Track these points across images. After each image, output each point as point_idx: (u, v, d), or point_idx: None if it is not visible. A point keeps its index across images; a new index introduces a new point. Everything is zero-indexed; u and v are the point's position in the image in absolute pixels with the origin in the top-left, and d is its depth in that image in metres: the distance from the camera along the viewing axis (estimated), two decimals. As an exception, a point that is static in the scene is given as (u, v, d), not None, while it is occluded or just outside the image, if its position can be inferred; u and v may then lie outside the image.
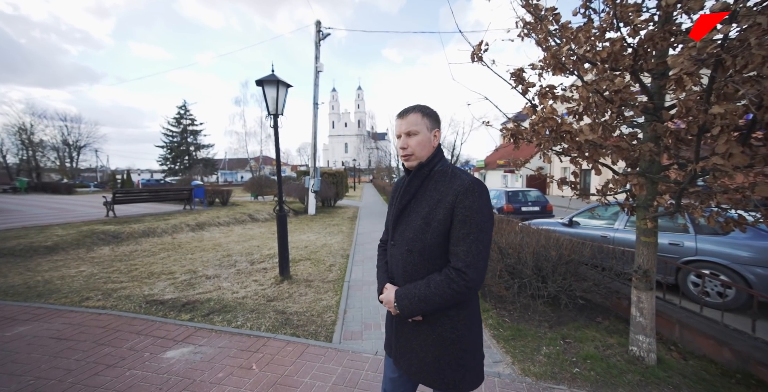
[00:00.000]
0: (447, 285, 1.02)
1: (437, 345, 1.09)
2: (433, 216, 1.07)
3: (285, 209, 5.02)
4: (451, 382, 1.09)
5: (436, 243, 1.06)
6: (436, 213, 1.06)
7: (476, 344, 1.13)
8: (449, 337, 1.08)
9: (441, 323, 1.09)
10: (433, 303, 1.04)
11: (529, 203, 9.44)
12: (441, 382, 1.10)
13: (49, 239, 6.00)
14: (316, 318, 3.49)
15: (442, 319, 1.10)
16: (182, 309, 3.56)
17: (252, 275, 5.01)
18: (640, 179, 1.88)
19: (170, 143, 40.65)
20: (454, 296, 1.02)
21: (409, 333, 1.16)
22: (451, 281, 1.01)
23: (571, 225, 5.62)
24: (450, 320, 1.09)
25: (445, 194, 1.06)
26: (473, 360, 1.11)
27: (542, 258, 3.24)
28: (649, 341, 2.14)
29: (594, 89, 1.92)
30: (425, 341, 1.11)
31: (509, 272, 3.58)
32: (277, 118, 4.81)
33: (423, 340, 1.12)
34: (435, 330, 1.10)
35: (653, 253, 2.19)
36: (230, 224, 9.38)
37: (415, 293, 1.07)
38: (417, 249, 1.10)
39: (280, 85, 4.68)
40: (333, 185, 14.82)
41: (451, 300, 1.03)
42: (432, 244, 1.07)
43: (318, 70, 12.51)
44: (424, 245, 1.08)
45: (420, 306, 1.06)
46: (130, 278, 4.57)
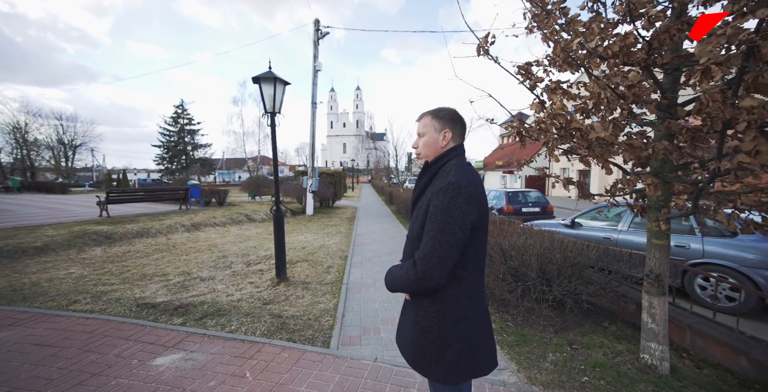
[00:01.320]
0: (406, 271, 1.15)
1: (412, 326, 1.24)
2: (423, 210, 1.19)
3: (282, 209, 4.90)
4: (420, 365, 1.22)
5: (418, 234, 1.19)
6: (424, 208, 1.18)
7: (447, 339, 1.17)
8: (420, 323, 1.21)
9: (417, 308, 1.22)
10: (398, 283, 1.20)
11: (530, 203, 9.36)
12: (413, 362, 1.24)
13: (39, 240, 5.85)
14: (313, 322, 3.38)
15: (417, 305, 1.23)
16: (174, 313, 3.43)
17: (248, 277, 4.89)
18: (654, 179, 1.79)
19: (167, 142, 40.32)
20: (410, 282, 1.14)
21: (404, 309, 1.36)
22: (409, 268, 1.14)
23: (573, 226, 5.54)
24: (423, 309, 1.20)
25: (431, 191, 1.17)
26: (441, 353, 1.17)
27: (547, 261, 3.14)
28: (662, 349, 2.05)
29: (606, 85, 1.83)
30: (407, 319, 1.29)
31: (512, 274, 3.48)
32: (275, 116, 4.69)
33: (407, 318, 1.31)
34: (413, 312, 1.24)
35: (666, 256, 2.09)
36: (226, 224, 9.24)
37: (394, 271, 1.24)
38: (411, 237, 1.26)
39: (277, 83, 4.57)
40: (331, 186, 14.70)
41: (410, 286, 1.16)
42: (417, 234, 1.20)
43: (316, 69, 12.40)
44: (413, 234, 1.23)
45: (392, 283, 1.24)
46: (121, 281, 4.43)
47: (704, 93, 1.24)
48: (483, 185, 1.22)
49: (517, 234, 4.16)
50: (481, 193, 1.16)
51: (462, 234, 1.09)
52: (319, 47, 12.43)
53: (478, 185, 1.16)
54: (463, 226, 1.09)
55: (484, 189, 1.21)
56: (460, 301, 1.18)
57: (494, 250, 3.76)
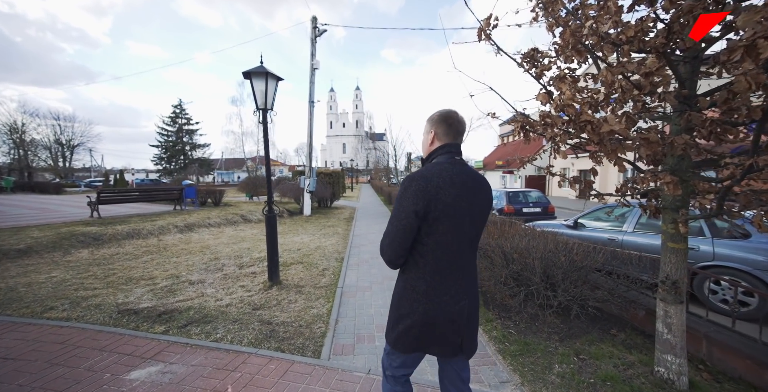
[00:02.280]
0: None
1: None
2: None
3: (275, 209, 4.72)
4: (386, 329, 1.42)
5: None
6: None
7: (401, 314, 1.33)
8: (393, 296, 1.41)
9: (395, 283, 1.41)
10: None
11: (531, 204, 9.19)
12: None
13: (22, 242, 5.64)
14: (304, 329, 3.19)
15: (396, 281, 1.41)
16: (157, 320, 3.24)
17: (239, 280, 4.70)
18: (672, 177, 1.61)
19: (165, 142, 40.03)
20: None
21: None
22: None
23: (576, 227, 5.37)
24: (396, 285, 1.40)
25: None
26: (395, 324, 1.35)
27: (551, 264, 2.97)
28: (680, 362, 1.87)
29: (620, 72, 1.65)
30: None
31: (514, 278, 3.31)
32: (266, 113, 4.50)
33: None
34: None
35: (683, 261, 1.92)
36: (221, 225, 9.04)
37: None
38: None
39: (269, 78, 4.39)
40: (329, 186, 14.51)
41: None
42: None
43: (314, 67, 12.22)
44: None
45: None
46: (105, 285, 4.24)
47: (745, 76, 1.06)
48: (447, 180, 1.24)
49: (519, 236, 3.98)
50: (436, 186, 1.22)
51: (406, 222, 1.23)
52: (318, 46, 12.25)
53: (432, 179, 1.23)
54: (408, 214, 1.23)
55: (446, 183, 1.24)
56: (416, 285, 1.30)
57: (495, 253, 3.58)
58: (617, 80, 1.63)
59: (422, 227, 1.25)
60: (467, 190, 1.27)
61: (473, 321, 1.35)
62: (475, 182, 1.31)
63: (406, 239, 1.25)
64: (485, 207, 1.35)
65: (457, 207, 1.24)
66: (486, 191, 1.36)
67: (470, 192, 1.28)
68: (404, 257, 1.31)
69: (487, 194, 1.36)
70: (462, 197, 1.25)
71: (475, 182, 1.31)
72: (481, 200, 1.32)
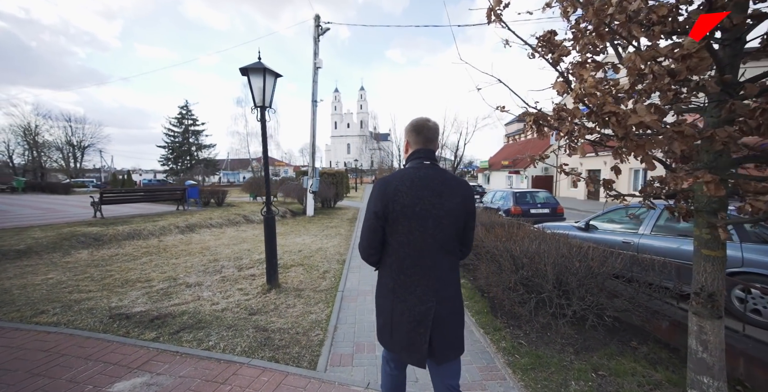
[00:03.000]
0: None
1: None
2: None
3: (276, 210, 4.57)
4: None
5: None
6: None
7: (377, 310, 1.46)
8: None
9: None
10: None
11: (539, 204, 8.93)
12: None
13: (23, 242, 5.59)
14: (301, 336, 3.03)
15: None
16: (149, 325, 3.11)
17: (238, 282, 4.56)
18: (713, 176, 1.41)
19: (172, 143, 40.40)
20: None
21: None
22: None
23: (588, 229, 5.13)
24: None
25: None
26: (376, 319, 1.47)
27: (564, 270, 2.76)
28: (718, 385, 1.66)
29: (652, 57, 1.45)
30: None
31: (524, 285, 3.10)
32: (265, 110, 4.36)
33: None
34: None
35: (720, 270, 1.71)
36: (223, 225, 8.95)
37: None
38: None
39: (267, 74, 4.24)
40: (333, 186, 14.38)
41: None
42: None
43: (317, 66, 12.10)
44: None
45: None
46: (100, 287, 4.13)
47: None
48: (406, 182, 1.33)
49: (529, 239, 3.77)
50: (395, 189, 1.32)
51: (370, 222, 1.36)
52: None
53: (392, 182, 1.34)
54: (370, 215, 1.36)
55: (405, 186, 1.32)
56: (386, 283, 1.40)
57: (503, 257, 3.38)
58: (648, 66, 1.43)
59: (386, 227, 1.35)
60: (428, 191, 1.32)
61: (447, 326, 1.32)
62: (441, 185, 1.34)
63: (372, 238, 1.37)
64: (454, 208, 1.33)
65: (415, 209, 1.30)
66: (455, 192, 1.35)
67: (432, 194, 1.32)
68: (375, 256, 1.42)
69: (455, 197, 1.34)
70: (422, 199, 1.31)
71: (441, 185, 1.34)
72: (447, 201, 1.32)
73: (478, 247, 4.35)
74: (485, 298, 3.92)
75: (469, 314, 3.53)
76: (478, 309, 3.61)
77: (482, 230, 4.54)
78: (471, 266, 4.90)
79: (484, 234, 4.20)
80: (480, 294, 4.06)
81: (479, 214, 6.27)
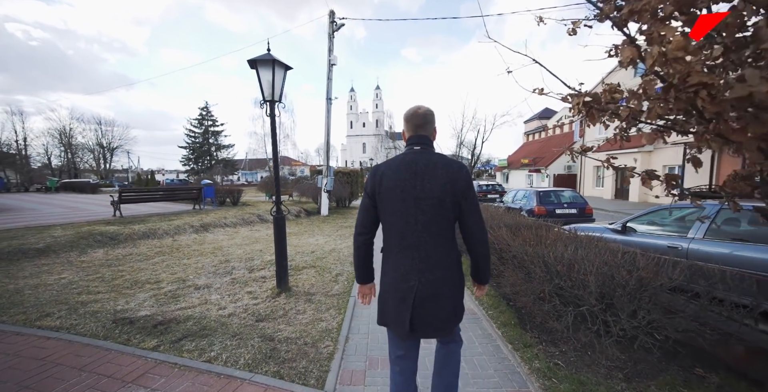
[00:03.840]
0: None
1: None
2: None
3: (285, 210, 4.36)
4: None
5: None
6: None
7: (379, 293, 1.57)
8: None
9: None
10: None
11: (565, 204, 8.38)
12: None
13: (42, 241, 5.66)
14: (309, 348, 2.79)
15: None
16: (152, 332, 2.95)
17: (247, 285, 4.39)
18: None
19: (192, 143, 41.58)
20: None
21: None
22: None
23: (625, 232, 4.64)
24: None
25: None
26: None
27: (611, 281, 2.37)
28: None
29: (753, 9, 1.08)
30: None
31: (559, 295, 2.73)
32: (275, 105, 4.15)
33: None
34: None
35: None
36: (237, 225, 8.91)
37: None
38: None
39: (276, 66, 4.02)
40: (347, 185, 14.21)
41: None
42: None
43: (331, 63, 11.93)
44: None
45: None
46: (109, 288, 4.05)
47: None
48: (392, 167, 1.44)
49: (562, 242, 3.38)
50: (381, 173, 1.45)
51: (364, 202, 1.51)
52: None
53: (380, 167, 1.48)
54: (365, 196, 1.52)
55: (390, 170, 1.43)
56: (386, 260, 1.52)
57: (535, 263, 3.01)
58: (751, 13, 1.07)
59: (377, 208, 1.46)
60: (411, 174, 1.39)
61: (431, 305, 1.39)
62: (424, 168, 1.40)
63: (364, 217, 1.50)
64: (436, 191, 1.37)
65: (397, 190, 1.39)
66: (437, 175, 1.38)
67: (415, 176, 1.39)
68: (364, 236, 1.52)
69: (437, 179, 1.38)
70: (404, 180, 1.39)
71: (424, 168, 1.40)
72: (427, 183, 1.38)
73: (503, 251, 3.98)
74: (511, 308, 3.56)
75: (495, 326, 3.19)
76: (504, 321, 3.26)
77: (507, 233, 4.16)
78: (494, 272, 4.53)
79: (511, 237, 3.83)
80: (506, 303, 3.70)
81: (501, 215, 5.86)
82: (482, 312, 3.54)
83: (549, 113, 39.52)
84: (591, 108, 1.53)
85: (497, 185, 17.48)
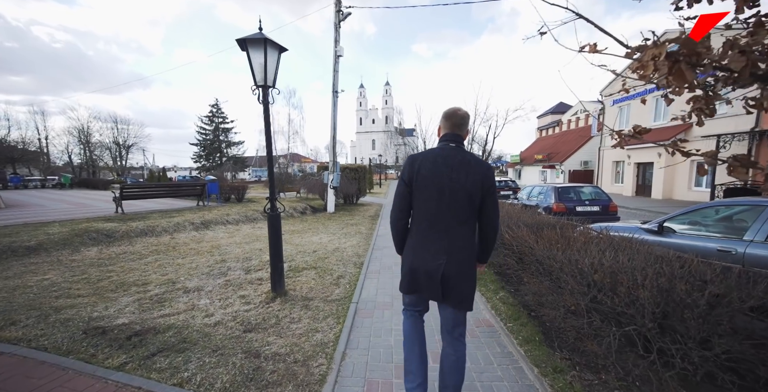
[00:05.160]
0: None
1: None
2: None
3: (282, 207, 3.97)
4: None
5: None
6: None
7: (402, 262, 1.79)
8: None
9: None
10: None
11: (586, 201, 7.76)
12: None
13: (35, 239, 5.44)
14: (299, 367, 2.39)
15: None
16: (124, 344, 2.61)
17: (242, 288, 4.04)
18: None
19: (203, 140, 41.87)
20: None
21: None
22: None
23: (662, 233, 4.08)
24: None
25: None
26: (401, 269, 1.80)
27: (670, 298, 1.88)
28: None
29: None
30: None
31: (597, 311, 2.25)
32: (267, 91, 3.74)
33: None
34: None
35: None
36: (239, 222, 8.62)
37: None
38: None
39: (268, 47, 3.61)
40: (355, 181, 13.80)
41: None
42: None
43: (337, 54, 11.47)
44: None
45: None
46: (93, 291, 3.75)
47: None
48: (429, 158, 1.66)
49: (596, 246, 2.88)
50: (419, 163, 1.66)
51: (400, 189, 1.73)
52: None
53: (418, 158, 1.69)
54: (401, 183, 1.73)
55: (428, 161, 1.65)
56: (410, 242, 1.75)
57: (565, 271, 2.53)
58: None
59: (412, 194, 1.68)
60: (446, 167, 1.61)
61: (456, 280, 1.62)
62: (459, 163, 1.61)
63: (401, 203, 1.72)
64: (469, 185, 1.58)
65: (433, 179, 1.61)
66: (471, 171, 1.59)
67: (449, 168, 1.60)
68: (403, 220, 1.76)
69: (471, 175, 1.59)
70: (438, 172, 1.61)
71: (459, 163, 1.61)
72: (462, 177, 1.58)
73: (524, 254, 3.50)
74: (534, 319, 3.09)
75: (516, 342, 2.72)
76: (526, 336, 2.80)
77: (528, 234, 3.66)
78: (513, 277, 4.05)
79: (534, 240, 3.33)
80: (527, 314, 3.23)
81: (519, 213, 5.35)
82: (500, 324, 3.08)
83: (563, 107, 38.17)
84: (678, 61, 1.06)
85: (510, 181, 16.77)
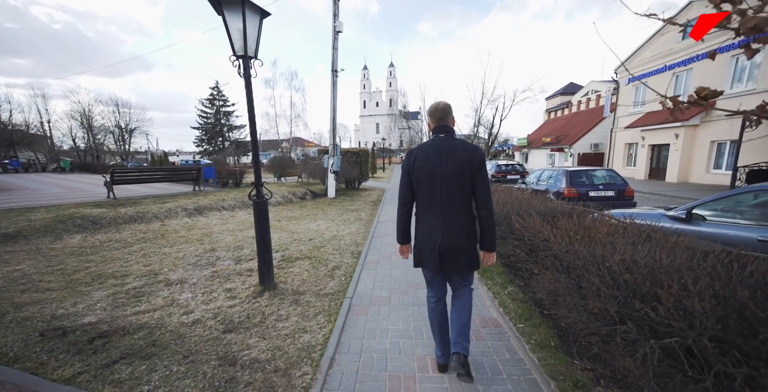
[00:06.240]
0: None
1: None
2: None
3: (264, 194, 3.59)
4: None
5: None
6: None
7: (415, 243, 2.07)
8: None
9: None
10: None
11: (600, 186, 7.27)
12: None
13: (14, 225, 5.17)
14: (280, 377, 2.09)
15: None
16: (83, 349, 2.32)
17: (229, 280, 3.75)
18: None
19: (205, 124, 41.18)
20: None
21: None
22: None
23: (691, 220, 3.66)
24: None
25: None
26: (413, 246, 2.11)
27: (727, 306, 1.49)
28: None
29: None
30: None
31: (629, 317, 1.87)
32: (248, 62, 3.26)
33: None
34: None
35: None
36: (234, 208, 8.30)
37: None
38: None
39: (247, 10, 3.11)
40: (356, 165, 13.34)
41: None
42: None
43: (336, 29, 10.71)
44: None
45: None
46: (65, 284, 3.47)
47: None
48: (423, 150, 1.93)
49: (622, 238, 2.48)
50: (415, 155, 1.94)
51: (402, 178, 2.01)
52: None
53: (413, 151, 1.97)
54: (402, 173, 2.01)
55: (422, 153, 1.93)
56: (419, 220, 2.01)
57: (589, 270, 2.14)
58: None
59: (412, 183, 1.96)
60: (436, 156, 1.88)
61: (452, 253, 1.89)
62: (447, 151, 1.87)
63: (405, 189, 2.00)
64: (456, 169, 1.84)
65: (426, 168, 1.88)
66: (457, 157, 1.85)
67: (438, 157, 1.87)
68: (407, 205, 2.02)
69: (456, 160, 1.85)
70: (430, 162, 1.88)
71: (447, 151, 1.87)
72: (450, 163, 1.85)
73: (537, 248, 3.11)
74: (547, 319, 2.75)
75: (528, 348, 2.39)
76: (539, 340, 2.46)
77: (541, 224, 3.26)
78: (523, 270, 3.69)
79: (549, 230, 2.93)
80: (539, 312, 2.88)
81: (529, 199, 4.91)
82: (509, 324, 2.74)
83: (573, 88, 36.60)
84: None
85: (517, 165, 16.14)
